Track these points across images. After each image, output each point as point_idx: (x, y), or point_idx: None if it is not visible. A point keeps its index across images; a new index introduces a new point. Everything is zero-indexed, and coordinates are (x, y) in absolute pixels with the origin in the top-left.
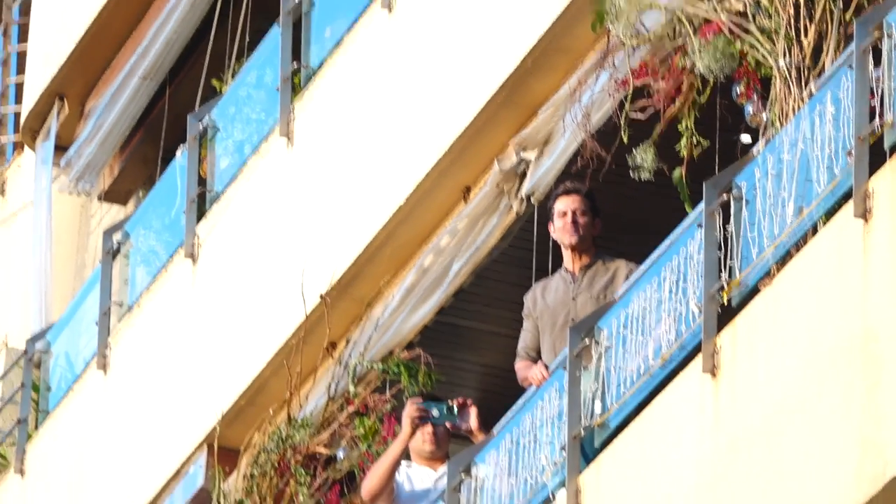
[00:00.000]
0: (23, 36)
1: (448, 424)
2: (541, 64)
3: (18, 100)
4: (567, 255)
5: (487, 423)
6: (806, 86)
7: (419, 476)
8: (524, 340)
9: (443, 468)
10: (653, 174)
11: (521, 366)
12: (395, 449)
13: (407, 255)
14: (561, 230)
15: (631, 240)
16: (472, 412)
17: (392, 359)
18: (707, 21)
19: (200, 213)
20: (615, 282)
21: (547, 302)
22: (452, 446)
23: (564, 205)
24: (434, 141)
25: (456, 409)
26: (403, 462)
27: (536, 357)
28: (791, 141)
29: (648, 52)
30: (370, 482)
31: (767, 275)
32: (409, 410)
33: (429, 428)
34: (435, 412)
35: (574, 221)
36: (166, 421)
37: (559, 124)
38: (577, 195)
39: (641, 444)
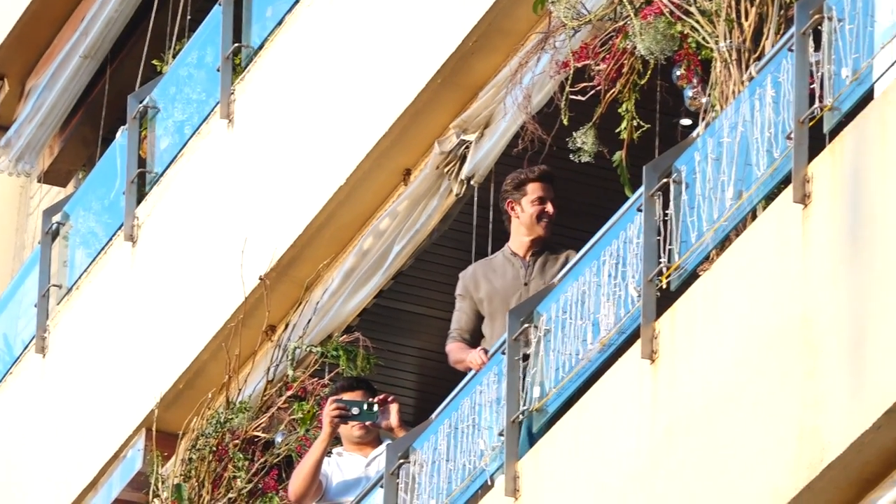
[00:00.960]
0: None
1: (368, 423)
2: (482, 45)
3: None
4: (521, 240)
5: (426, 409)
6: (746, 69)
7: (349, 464)
8: (458, 322)
9: (374, 452)
10: (593, 157)
11: (453, 347)
12: (316, 449)
13: (347, 238)
14: (533, 217)
15: (570, 223)
16: (393, 409)
17: (331, 342)
18: (648, 3)
19: (140, 195)
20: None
21: (495, 285)
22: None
23: (540, 191)
24: (374, 122)
25: (376, 407)
26: (334, 450)
27: (470, 340)
28: (731, 124)
29: (589, 33)
30: (294, 484)
31: (707, 259)
32: (328, 409)
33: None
34: (354, 410)
35: (548, 213)
36: (104, 404)
37: (500, 106)
38: (550, 183)
39: (579, 429)
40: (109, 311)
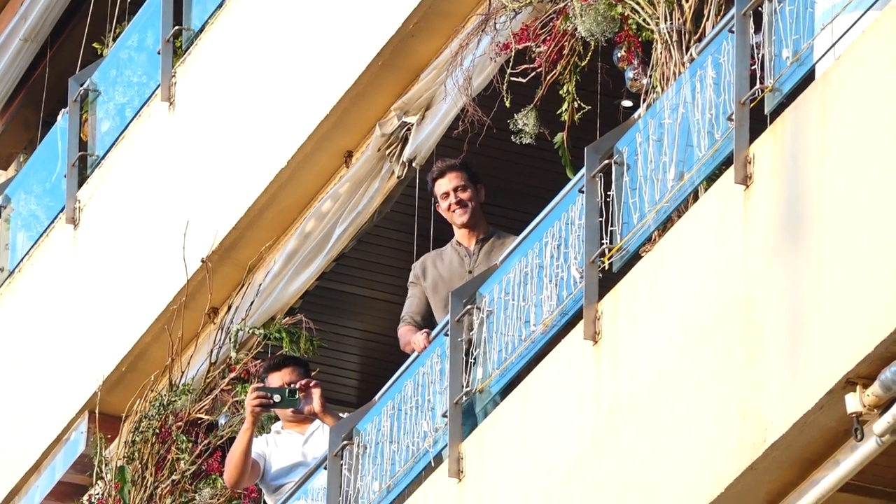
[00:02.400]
0: None
1: (290, 410)
2: (422, 27)
3: None
4: (460, 232)
5: (369, 391)
6: (687, 50)
7: (287, 443)
8: (410, 306)
9: (310, 428)
10: (534, 139)
11: (404, 330)
12: (242, 438)
13: (289, 220)
14: (448, 212)
15: (512, 205)
16: (316, 394)
17: (274, 324)
18: None
19: (82, 178)
20: None
21: (441, 273)
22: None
23: (444, 186)
24: (315, 104)
25: (297, 393)
26: (272, 427)
27: (420, 323)
28: (672, 106)
29: (530, 15)
30: (227, 472)
31: (649, 240)
32: (249, 398)
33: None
34: (276, 397)
35: (459, 201)
36: (47, 387)
37: (441, 88)
38: (452, 172)
39: (523, 411)
40: (51, 294)
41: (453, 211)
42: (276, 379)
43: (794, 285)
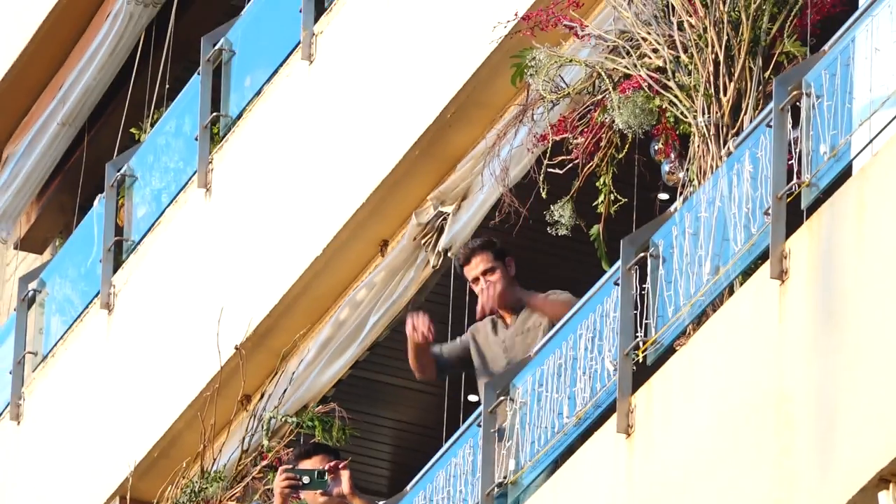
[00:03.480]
0: None
1: (319, 491)
2: (460, 117)
3: None
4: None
5: (401, 480)
6: (724, 144)
7: None
8: (446, 345)
9: None
10: (570, 230)
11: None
12: None
13: (323, 308)
14: (481, 298)
15: None
16: (345, 476)
17: (306, 413)
18: (627, 77)
19: (117, 263)
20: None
21: (480, 339)
22: None
23: (472, 272)
24: (352, 193)
25: (326, 474)
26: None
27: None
28: (709, 199)
29: (568, 106)
30: None
31: (683, 334)
32: (279, 480)
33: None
34: (305, 479)
35: (486, 287)
36: (79, 472)
37: (477, 178)
38: (477, 256)
39: (556, 503)
40: (85, 379)
41: (483, 297)
42: (307, 466)
43: (828, 381)
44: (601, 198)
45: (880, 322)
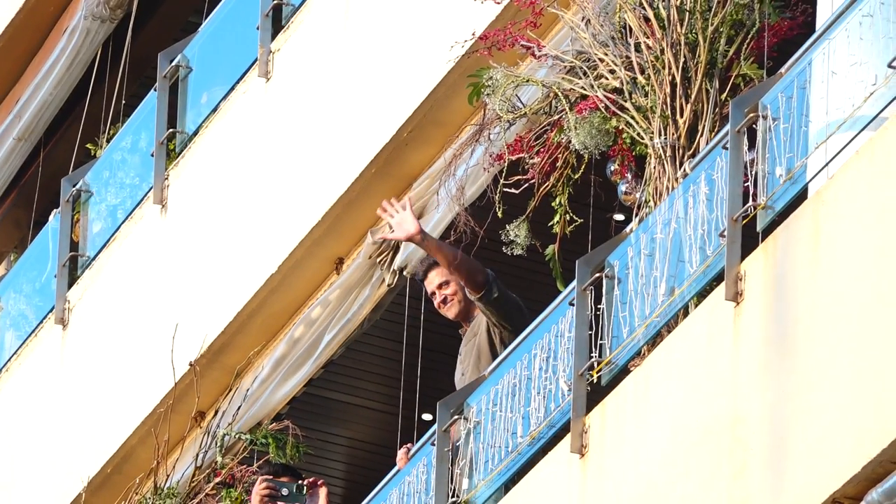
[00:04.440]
0: None
1: None
2: (416, 136)
3: None
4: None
5: (355, 499)
6: (681, 165)
7: None
8: None
9: None
10: (525, 250)
11: None
12: None
13: (278, 326)
14: (440, 310)
15: None
16: (322, 493)
17: (260, 430)
18: (584, 97)
19: (72, 279)
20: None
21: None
22: None
23: (429, 286)
24: (307, 211)
25: (305, 489)
26: None
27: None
28: (664, 220)
29: (524, 126)
30: None
31: (638, 355)
32: (258, 488)
33: None
34: (284, 491)
35: (443, 299)
36: (33, 487)
37: (433, 197)
38: (433, 271)
39: None
40: (39, 394)
41: (441, 309)
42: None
43: (782, 403)
44: (557, 218)
45: (834, 344)
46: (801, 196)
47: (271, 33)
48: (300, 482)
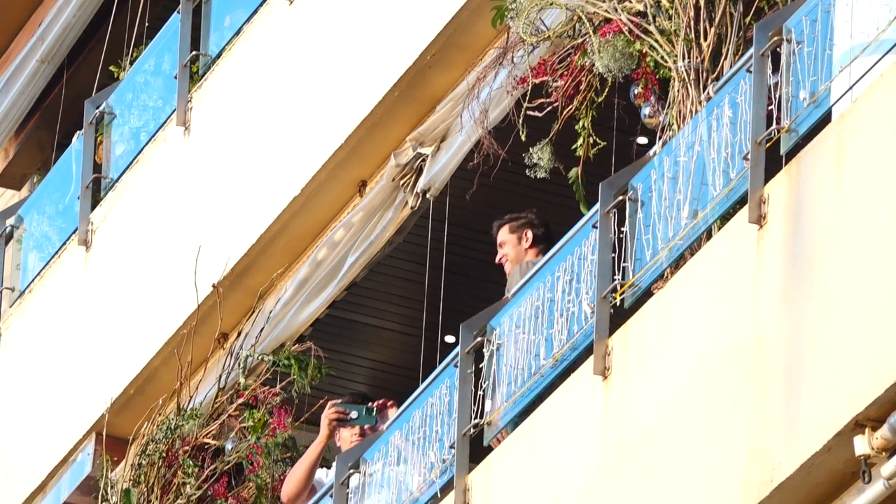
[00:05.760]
0: None
1: (367, 426)
2: (440, 59)
3: None
4: None
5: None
6: (704, 89)
7: None
8: None
9: None
10: (549, 173)
11: None
12: (312, 451)
13: (301, 248)
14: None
15: None
16: (392, 413)
17: (283, 351)
18: (607, 20)
19: (95, 200)
20: None
21: None
22: None
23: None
24: (331, 133)
25: (375, 411)
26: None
27: None
28: (688, 144)
29: (548, 50)
30: (288, 485)
31: (661, 277)
32: (327, 412)
33: (355, 430)
34: (353, 414)
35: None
36: (55, 408)
37: (456, 120)
38: (497, 230)
39: (531, 444)
40: (62, 316)
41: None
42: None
43: (805, 326)
44: (580, 141)
45: (857, 267)
46: (825, 120)
47: None
48: (369, 404)
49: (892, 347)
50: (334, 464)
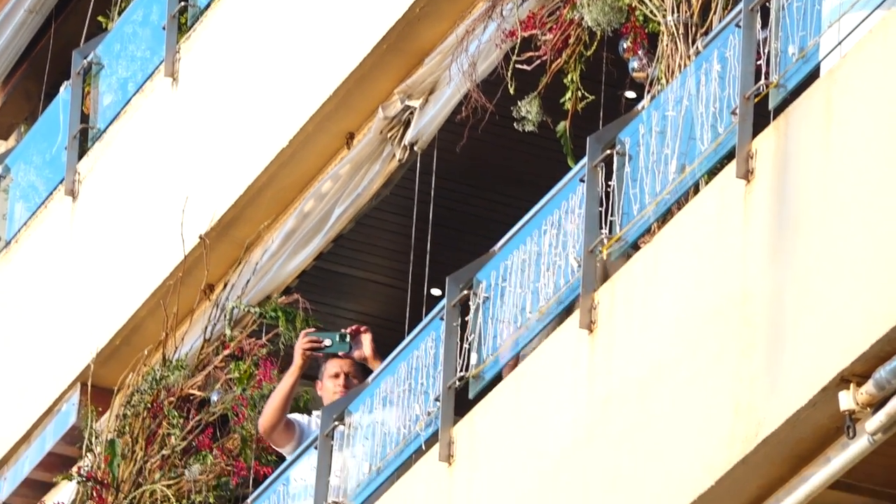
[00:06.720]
0: None
1: (340, 353)
2: (429, 11)
3: None
4: None
5: (363, 372)
6: (693, 43)
7: None
8: None
9: None
10: (537, 126)
11: None
12: (286, 381)
13: (288, 199)
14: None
15: (513, 192)
16: (366, 339)
17: (269, 303)
18: None
19: (82, 150)
20: None
21: None
22: None
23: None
24: (318, 85)
25: (349, 337)
26: (314, 412)
27: None
28: (676, 98)
29: (537, 3)
30: (264, 416)
31: (648, 232)
32: (301, 342)
33: (340, 380)
34: (327, 342)
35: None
36: (40, 358)
37: (445, 73)
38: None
39: (516, 398)
40: (48, 266)
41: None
42: (335, 366)
43: (791, 281)
44: (568, 95)
45: (844, 223)
46: (814, 75)
47: None
48: (342, 331)
49: (877, 303)
50: (314, 412)
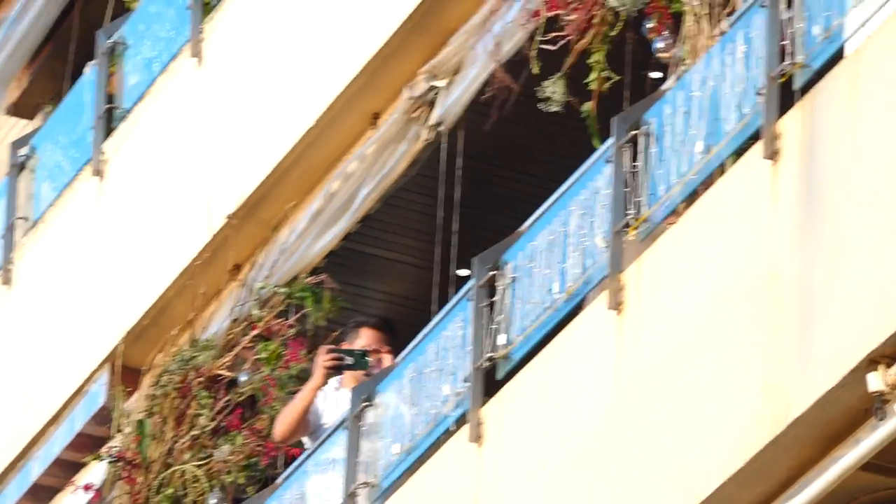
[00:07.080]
0: None
1: (361, 372)
2: None
3: None
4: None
5: (392, 353)
6: (718, 23)
7: (342, 402)
8: None
9: None
10: (562, 107)
11: None
12: (306, 396)
13: (314, 180)
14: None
15: (538, 172)
16: (387, 359)
17: (297, 283)
18: None
19: (108, 130)
20: None
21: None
22: None
23: (367, 338)
24: (344, 66)
25: (370, 357)
26: (330, 382)
27: None
28: (701, 78)
29: None
30: (281, 426)
31: (674, 212)
32: (322, 358)
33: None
34: (349, 359)
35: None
36: (69, 338)
37: (470, 53)
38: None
39: (544, 378)
40: (75, 246)
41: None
42: (365, 335)
43: (820, 262)
44: (593, 75)
45: (872, 203)
46: (839, 54)
47: None
48: (364, 349)
49: None
50: (333, 387)
